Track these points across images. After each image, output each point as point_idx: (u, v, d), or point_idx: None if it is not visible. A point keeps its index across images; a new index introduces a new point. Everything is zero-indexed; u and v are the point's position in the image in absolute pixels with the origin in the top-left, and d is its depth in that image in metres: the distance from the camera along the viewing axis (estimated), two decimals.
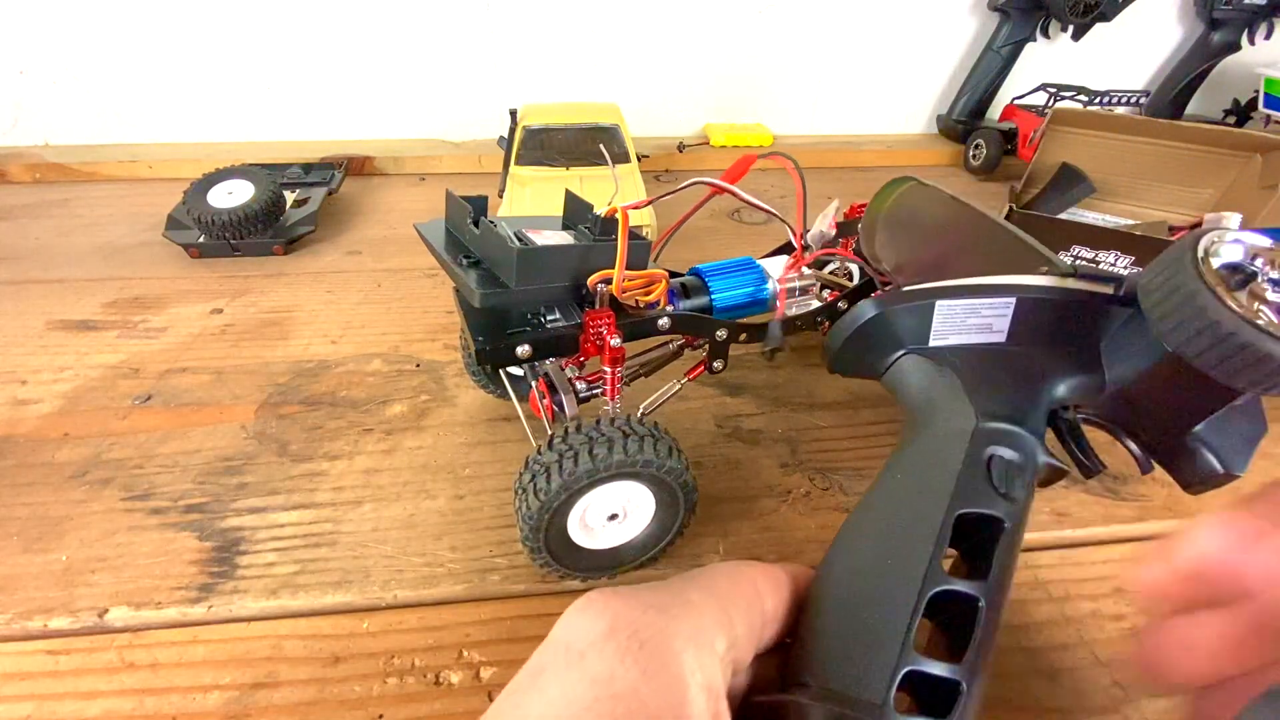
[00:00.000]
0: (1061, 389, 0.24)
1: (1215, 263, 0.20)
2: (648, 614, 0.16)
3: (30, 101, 0.96)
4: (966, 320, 0.24)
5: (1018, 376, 0.24)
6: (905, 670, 0.18)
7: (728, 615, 0.18)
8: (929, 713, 0.18)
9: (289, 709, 0.30)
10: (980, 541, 0.21)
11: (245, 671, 0.31)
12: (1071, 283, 0.24)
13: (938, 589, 0.19)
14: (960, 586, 0.19)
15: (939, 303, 0.24)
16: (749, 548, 0.38)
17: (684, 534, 0.36)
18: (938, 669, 0.19)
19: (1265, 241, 0.21)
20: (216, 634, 0.33)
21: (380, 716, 0.30)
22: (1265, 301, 0.20)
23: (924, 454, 0.23)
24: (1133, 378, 0.23)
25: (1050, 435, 0.25)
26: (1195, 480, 0.24)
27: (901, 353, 0.26)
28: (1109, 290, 0.23)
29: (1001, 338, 0.24)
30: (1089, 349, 0.23)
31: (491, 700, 0.30)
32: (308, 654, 0.32)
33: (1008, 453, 0.22)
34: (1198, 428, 0.23)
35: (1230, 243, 0.21)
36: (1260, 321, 0.19)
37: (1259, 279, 0.20)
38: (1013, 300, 0.24)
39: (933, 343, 0.25)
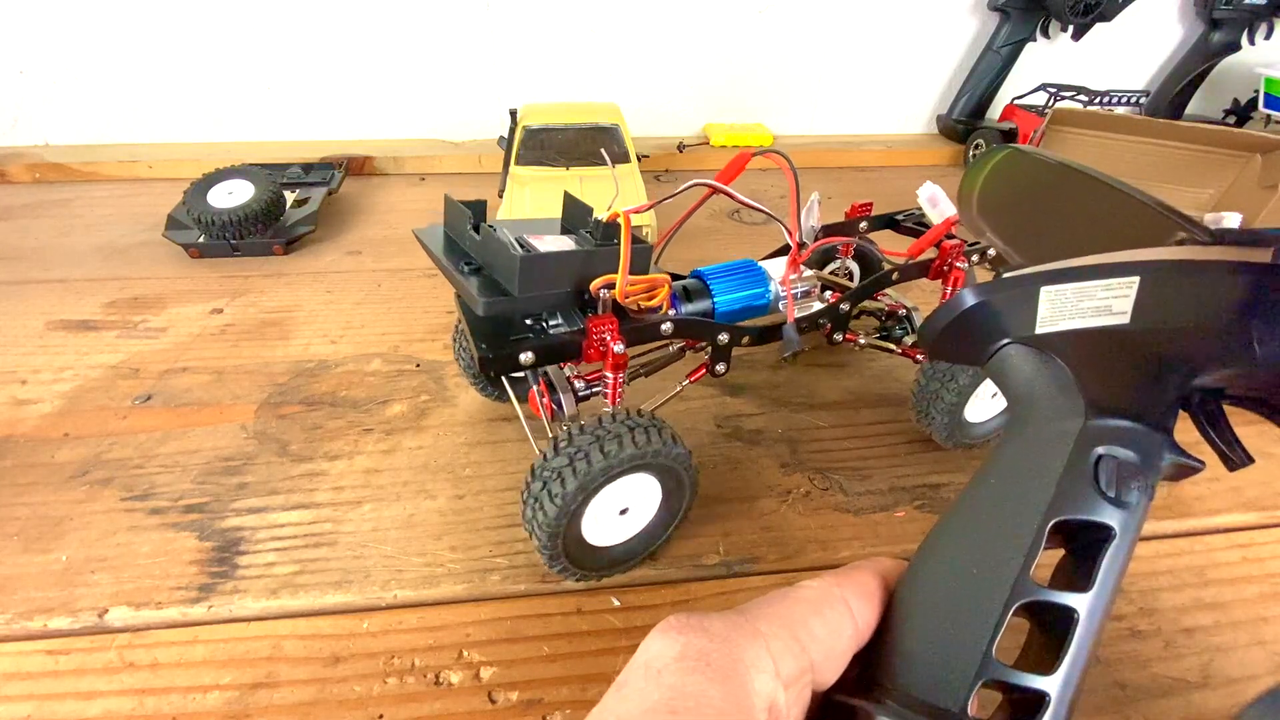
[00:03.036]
0: (1199, 371, 0.21)
1: None
2: (714, 642, 0.18)
3: (30, 101, 0.96)
4: (1079, 304, 0.21)
5: (1142, 362, 0.21)
6: (985, 679, 0.18)
7: (799, 643, 0.19)
8: None
9: (289, 709, 0.30)
10: (1089, 545, 0.20)
11: (245, 671, 0.31)
12: (1215, 253, 0.20)
13: (1028, 599, 0.19)
14: (1055, 598, 0.19)
15: (1044, 289, 0.22)
16: (749, 548, 0.38)
17: (688, 518, 0.37)
18: (1023, 679, 0.18)
19: None
20: (216, 634, 0.33)
21: (380, 716, 0.30)
22: None
23: (1022, 455, 0.21)
24: None
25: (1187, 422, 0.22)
26: None
27: (1004, 342, 0.23)
28: (1266, 259, 0.19)
29: (1124, 319, 0.21)
30: (1236, 323, 0.20)
31: (492, 700, 0.30)
32: (308, 654, 0.32)
33: (1121, 452, 0.20)
34: None
35: None
36: None
37: None
38: (1136, 279, 0.20)
39: (1040, 330, 0.22)
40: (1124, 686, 0.31)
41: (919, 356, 0.47)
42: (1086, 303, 0.21)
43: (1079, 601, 0.19)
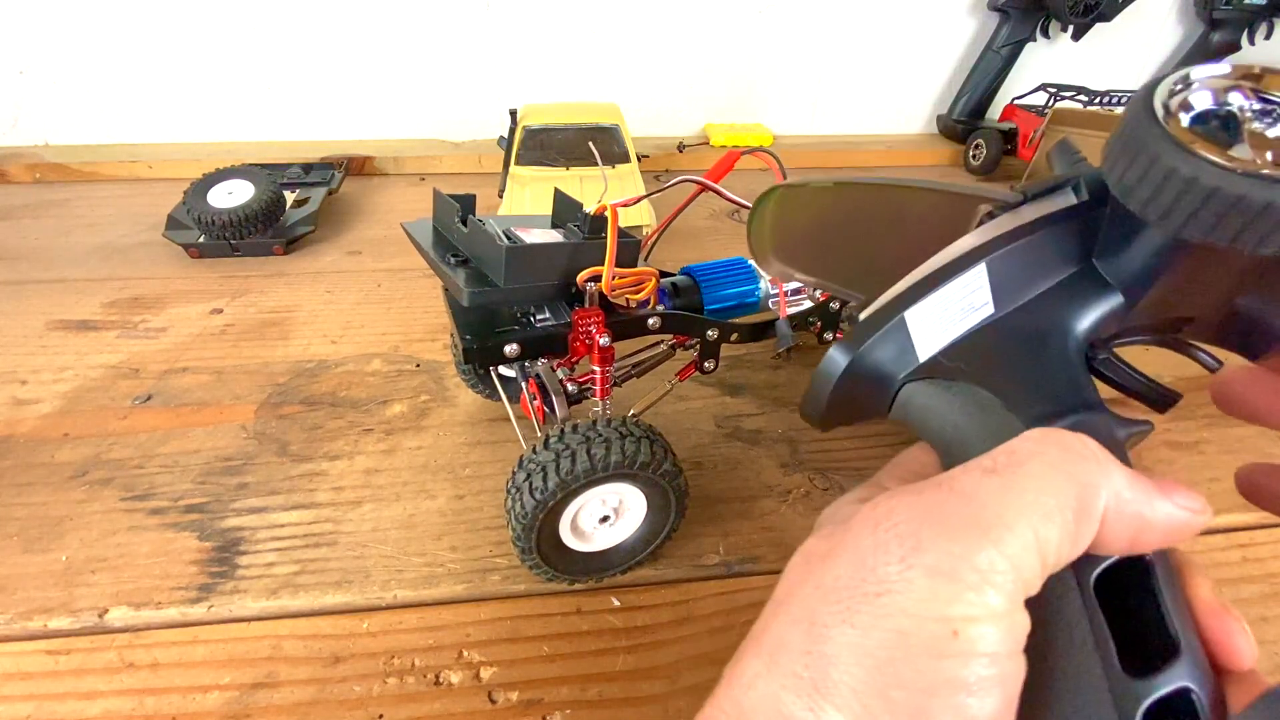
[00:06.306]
0: (1082, 328, 0.20)
1: (1185, 119, 0.16)
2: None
3: (30, 101, 0.96)
4: (945, 314, 0.20)
5: (1032, 343, 0.20)
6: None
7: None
8: None
9: (289, 709, 0.30)
10: (1130, 589, 0.16)
11: (245, 671, 0.31)
12: (1029, 212, 0.20)
13: (1141, 707, 0.15)
14: (1161, 688, 0.15)
15: (907, 314, 0.20)
16: (749, 548, 0.38)
17: (672, 537, 0.36)
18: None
19: (1222, 69, 0.17)
20: (216, 634, 0.33)
21: (380, 716, 0.30)
22: (1267, 143, 0.16)
23: None
24: (1144, 280, 0.19)
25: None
26: (1266, 349, 0.20)
27: (896, 387, 0.21)
28: (1072, 200, 0.20)
29: (990, 309, 0.20)
30: (1084, 269, 0.20)
31: (492, 700, 0.30)
32: (308, 654, 0.32)
33: None
34: (1242, 300, 0.19)
35: (1193, 91, 0.17)
36: (1267, 171, 0.15)
37: (1243, 118, 0.16)
38: (983, 266, 0.19)
39: (924, 357, 0.20)
40: None
41: None
42: (951, 308, 0.20)
43: (1185, 673, 0.15)
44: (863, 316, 0.21)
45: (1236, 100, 0.16)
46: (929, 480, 0.16)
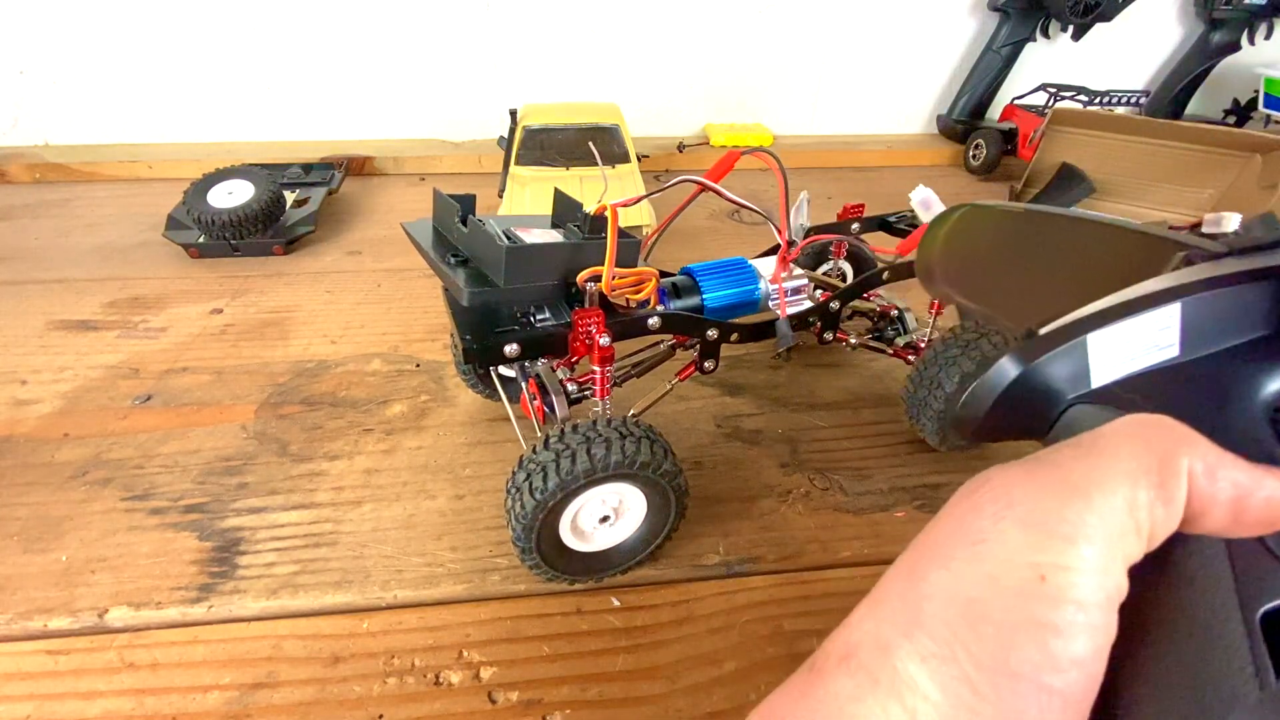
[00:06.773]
0: (1270, 390, 0.19)
1: None
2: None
3: (30, 101, 0.96)
4: (1130, 345, 0.20)
5: (1217, 395, 0.19)
6: None
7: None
8: None
9: (289, 709, 0.30)
10: None
11: (245, 671, 0.31)
12: (1231, 264, 0.19)
13: None
14: None
15: (1091, 337, 0.20)
16: (749, 548, 0.38)
17: (672, 537, 0.36)
18: None
19: None
20: (216, 634, 0.33)
21: (380, 716, 0.30)
22: None
23: (1166, 546, 0.17)
24: None
25: None
26: None
27: (1063, 406, 0.20)
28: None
29: (1175, 352, 0.19)
30: (1278, 330, 0.19)
31: (492, 700, 0.30)
32: (308, 654, 0.32)
33: None
34: None
35: None
36: None
37: None
38: (1177, 306, 0.19)
39: (1096, 384, 0.20)
40: None
41: (910, 358, 0.46)
42: (1136, 342, 0.19)
43: None
44: (1043, 331, 0.21)
45: None
46: (1023, 458, 0.17)
